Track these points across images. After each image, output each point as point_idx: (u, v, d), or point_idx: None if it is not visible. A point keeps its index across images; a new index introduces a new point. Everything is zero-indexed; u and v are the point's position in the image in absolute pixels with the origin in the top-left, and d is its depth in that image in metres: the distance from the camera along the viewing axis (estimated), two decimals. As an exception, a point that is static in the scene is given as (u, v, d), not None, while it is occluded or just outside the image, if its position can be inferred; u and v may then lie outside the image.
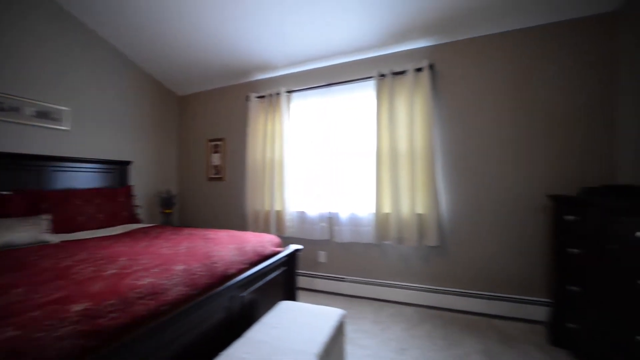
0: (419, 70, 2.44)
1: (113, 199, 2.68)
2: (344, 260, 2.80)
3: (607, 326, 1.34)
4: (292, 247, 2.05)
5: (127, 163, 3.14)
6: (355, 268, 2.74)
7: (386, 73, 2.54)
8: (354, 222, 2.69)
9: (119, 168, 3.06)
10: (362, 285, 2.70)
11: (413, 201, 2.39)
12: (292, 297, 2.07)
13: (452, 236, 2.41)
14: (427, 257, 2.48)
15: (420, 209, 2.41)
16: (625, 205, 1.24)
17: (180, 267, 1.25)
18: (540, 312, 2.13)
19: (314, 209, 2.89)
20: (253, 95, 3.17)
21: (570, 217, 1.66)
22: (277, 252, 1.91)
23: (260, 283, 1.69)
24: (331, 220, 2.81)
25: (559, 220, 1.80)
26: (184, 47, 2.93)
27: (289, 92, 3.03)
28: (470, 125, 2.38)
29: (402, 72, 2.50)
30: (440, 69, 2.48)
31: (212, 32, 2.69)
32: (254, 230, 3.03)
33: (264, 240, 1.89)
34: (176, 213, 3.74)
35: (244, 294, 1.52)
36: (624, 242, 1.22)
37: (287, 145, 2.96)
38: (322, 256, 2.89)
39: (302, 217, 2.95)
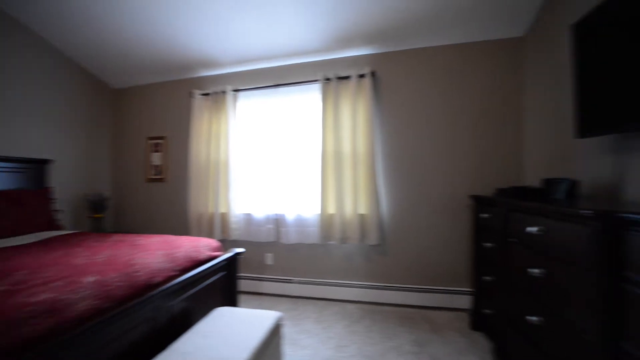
0: (361, 76, 2.55)
1: (24, 203, 2.34)
2: (290, 261, 2.80)
3: (507, 309, 1.54)
4: (233, 251, 2.00)
5: (45, 162, 2.76)
6: (302, 269, 2.77)
7: (331, 77, 2.60)
8: (300, 223, 2.71)
9: (34, 167, 2.68)
10: (308, 285, 2.73)
11: (356, 202, 2.49)
12: (232, 302, 2.01)
13: (391, 235, 2.56)
14: (368, 255, 2.60)
15: (362, 209, 2.51)
16: (518, 204, 1.44)
17: (91, 278, 1.13)
18: (465, 301, 2.36)
19: (261, 211, 2.84)
20: (197, 92, 3.02)
21: (485, 215, 1.88)
22: (215, 257, 1.84)
23: (194, 290, 1.62)
24: (278, 221, 2.80)
25: (477, 217, 2.02)
26: (117, 33, 2.67)
27: (235, 90, 2.95)
28: (406, 130, 2.55)
29: (346, 77, 2.59)
30: (381, 76, 2.61)
31: (148, 20, 2.49)
32: (198, 235, 2.88)
33: (199, 245, 1.80)
34: (109, 218, 3.40)
35: (173, 302, 1.44)
36: (520, 236, 1.41)
37: (233, 146, 2.88)
38: (269, 258, 2.86)
39: (248, 219, 2.88)
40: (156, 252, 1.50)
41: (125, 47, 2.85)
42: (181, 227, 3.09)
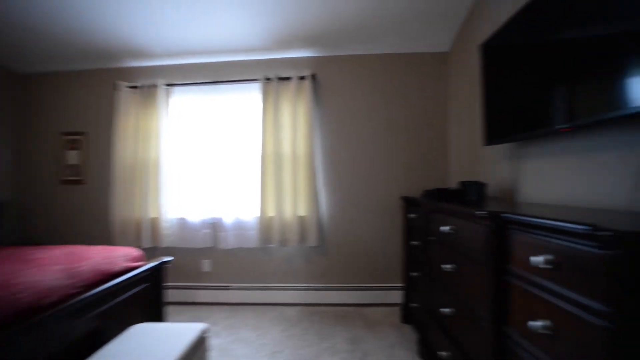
0: (302, 78, 2.55)
1: None
2: (229, 267, 2.68)
3: (428, 302, 1.66)
4: (158, 260, 1.83)
5: None
6: (241, 274, 2.66)
7: (272, 77, 2.55)
8: (239, 226, 2.60)
9: None
10: (248, 291, 2.63)
11: (295, 204, 2.48)
12: (158, 316, 1.84)
13: (331, 235, 2.60)
14: (308, 257, 2.61)
15: (302, 211, 2.51)
16: (435, 205, 1.56)
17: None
18: (398, 296, 2.50)
19: (197, 215, 2.67)
20: (124, 84, 2.72)
21: (412, 215, 2.01)
22: (134, 268, 1.66)
23: (106, 307, 1.44)
24: (215, 225, 2.65)
25: (406, 217, 2.16)
26: (23, 11, 2.26)
27: (169, 85, 2.72)
28: (345, 133, 2.62)
29: (287, 78, 2.56)
30: (321, 79, 2.65)
31: None
32: (123, 243, 2.59)
33: (114, 256, 1.61)
34: (9, 226, 2.87)
35: (77, 323, 1.26)
36: (437, 234, 1.53)
37: (165, 145, 2.65)
38: (206, 265, 2.69)
39: (182, 224, 2.68)
40: (52, 268, 1.29)
41: (35, 28, 2.43)
42: (102, 235, 2.74)
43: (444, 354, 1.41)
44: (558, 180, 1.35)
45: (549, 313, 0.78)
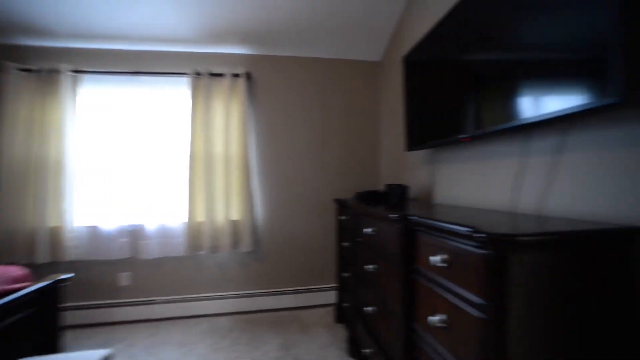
0: (236, 75, 2.43)
1: None
2: (152, 279, 2.41)
3: (356, 301, 1.72)
4: (50, 279, 1.54)
5: None
6: (167, 286, 2.42)
7: (203, 72, 2.38)
8: (164, 233, 2.37)
9: None
10: (175, 304, 2.41)
11: (228, 208, 2.35)
12: (51, 346, 1.55)
13: (266, 239, 2.53)
14: (243, 262, 2.50)
15: (235, 215, 2.39)
16: (361, 207, 1.63)
17: None
18: (334, 297, 2.56)
19: (112, 222, 2.34)
20: (14, 66, 2.25)
21: (344, 217, 2.06)
22: (15, 290, 1.37)
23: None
24: (135, 233, 2.36)
25: (339, 219, 2.21)
26: None
27: (77, 72, 2.34)
28: (281, 135, 2.59)
29: (220, 75, 2.42)
30: (257, 78, 2.56)
31: None
32: (9, 259, 2.13)
33: (-16, 277, 1.30)
34: None
35: None
36: (363, 236, 1.59)
37: (71, 141, 2.27)
38: (123, 278, 2.38)
39: (94, 232, 2.33)
40: None
41: None
42: (-19, 249, 2.23)
43: (367, 351, 1.47)
44: (464, 183, 1.51)
45: (445, 308, 0.86)
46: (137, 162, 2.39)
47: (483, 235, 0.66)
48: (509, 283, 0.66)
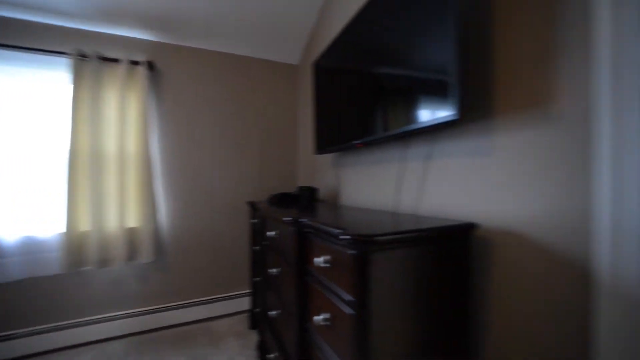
0: (135, 63, 2.14)
1: None
2: (14, 307, 1.93)
3: (264, 306, 1.69)
4: None
5: None
6: (36, 313, 1.96)
7: (90, 55, 2.02)
8: (32, 248, 1.92)
9: None
10: (48, 334, 1.97)
11: (123, 213, 2.04)
12: None
13: (173, 247, 2.29)
14: (143, 275, 2.21)
15: (132, 221, 2.10)
16: (265, 210, 1.61)
17: None
18: (248, 303, 2.47)
19: (-53, 237, 1.79)
20: None
21: (255, 220, 2.01)
22: None
23: None
24: (-14, 250, 1.85)
25: (251, 223, 2.15)
26: None
27: None
28: (192, 133, 2.38)
29: (114, 60, 2.09)
30: (163, 69, 2.30)
31: None
32: None
33: None
34: None
35: None
36: (269, 239, 1.57)
37: None
38: (-33, 309, 1.84)
39: None
40: None
41: None
42: None
43: (272, 356, 1.45)
44: (362, 186, 1.63)
45: (329, 307, 0.89)
46: (-10, 160, 1.88)
47: (348, 237, 0.70)
48: (370, 280, 0.71)
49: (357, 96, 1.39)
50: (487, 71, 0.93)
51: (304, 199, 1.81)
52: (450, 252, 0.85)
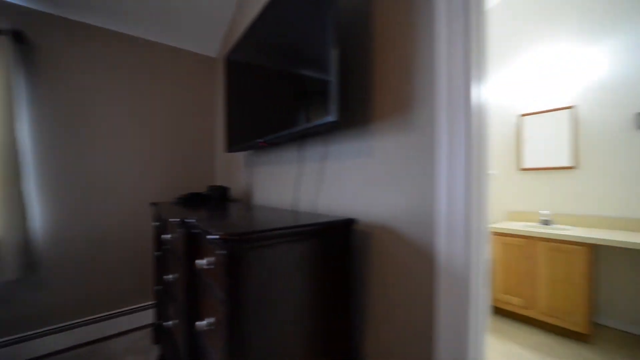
0: (-5, 33, 1.72)
1: None
2: None
3: (165, 316, 1.55)
4: None
5: None
6: None
7: None
8: None
9: None
10: None
11: (-27, 221, 1.62)
12: None
13: (54, 259, 1.92)
14: (7, 297, 1.79)
15: (-11, 230, 1.69)
16: (165, 212, 1.48)
17: None
18: (152, 316, 2.24)
19: None
20: None
21: (157, 223, 1.83)
22: None
23: None
24: None
25: (154, 226, 1.95)
26: None
27: None
28: (85, 124, 2.04)
29: (-39, 26, 1.64)
30: (40, 43, 1.90)
31: None
32: None
33: None
34: None
35: None
36: (166, 243, 1.45)
37: None
38: None
39: None
40: None
41: None
42: None
43: (168, 369, 1.34)
44: (269, 184, 1.63)
45: (214, 308, 0.85)
46: None
47: (216, 236, 0.68)
48: (241, 279, 0.71)
49: (261, 94, 1.38)
50: (366, 81, 1.02)
51: (215, 199, 1.72)
52: (334, 246, 0.91)
